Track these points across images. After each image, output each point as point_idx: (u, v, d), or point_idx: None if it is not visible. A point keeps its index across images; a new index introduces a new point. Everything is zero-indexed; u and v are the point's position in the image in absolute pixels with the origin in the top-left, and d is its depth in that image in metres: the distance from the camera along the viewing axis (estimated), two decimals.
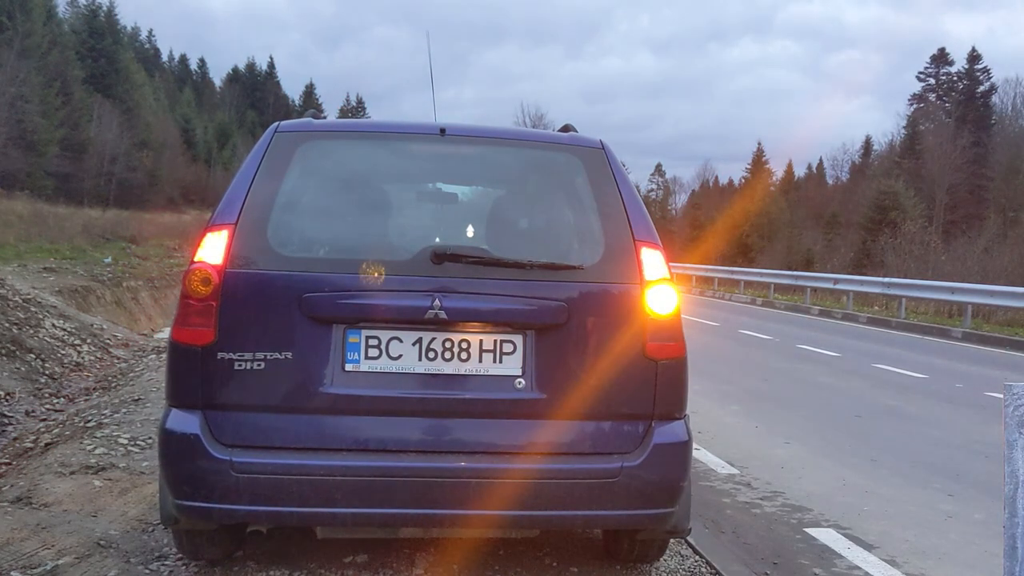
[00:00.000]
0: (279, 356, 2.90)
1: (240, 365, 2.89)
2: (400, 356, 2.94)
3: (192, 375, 2.90)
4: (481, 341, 2.97)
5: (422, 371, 2.95)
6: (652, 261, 3.08)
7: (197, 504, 2.86)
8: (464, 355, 2.97)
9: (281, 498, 2.84)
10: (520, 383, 2.98)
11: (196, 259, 2.94)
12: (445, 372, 2.96)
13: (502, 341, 2.99)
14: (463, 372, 2.96)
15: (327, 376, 2.90)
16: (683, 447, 3.04)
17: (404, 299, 2.93)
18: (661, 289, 3.03)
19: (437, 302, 2.92)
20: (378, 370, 2.93)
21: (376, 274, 2.97)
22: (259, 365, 2.89)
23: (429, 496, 2.87)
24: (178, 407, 2.92)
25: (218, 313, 2.89)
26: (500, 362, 2.98)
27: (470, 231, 3.52)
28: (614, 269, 3.07)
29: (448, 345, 2.96)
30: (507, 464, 2.91)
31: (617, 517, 3.04)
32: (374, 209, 3.36)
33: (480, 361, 2.98)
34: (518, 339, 2.99)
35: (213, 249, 2.94)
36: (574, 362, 3.01)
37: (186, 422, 2.88)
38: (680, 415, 3.09)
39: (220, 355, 2.87)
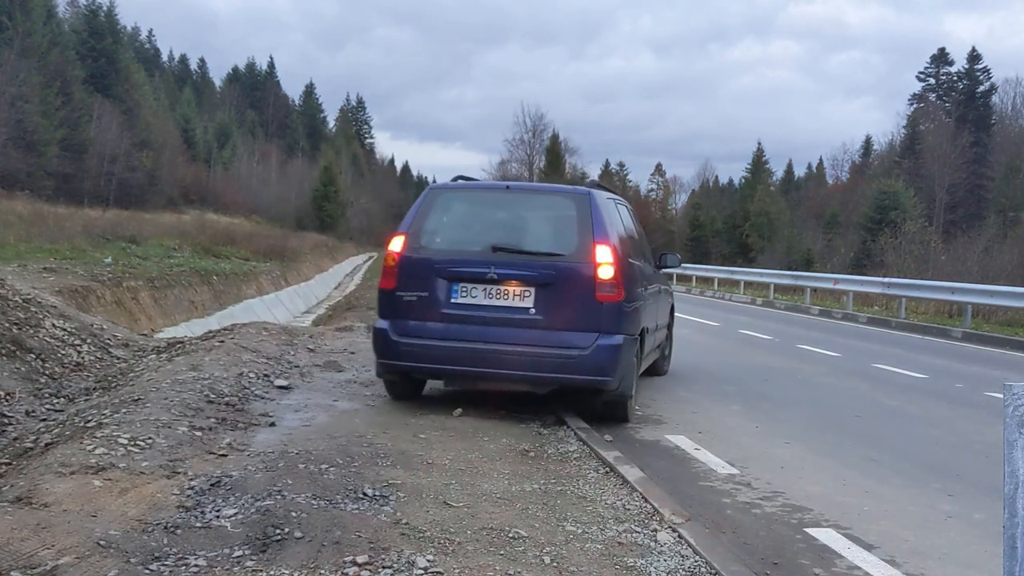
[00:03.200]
0: (423, 294, 6.10)
1: (406, 298, 6.14)
2: (476, 296, 6.08)
3: (386, 303, 6.26)
4: (513, 290, 6.03)
5: (486, 303, 6.05)
6: (602, 252, 6.02)
7: (386, 361, 6.26)
8: (505, 297, 6.04)
9: (423, 360, 6.09)
10: (532, 311, 5.98)
11: (389, 249, 6.27)
12: (496, 304, 6.04)
13: (523, 290, 6.02)
14: (505, 304, 6.03)
15: (443, 304, 6.09)
16: (615, 348, 5.97)
17: (477, 268, 6.07)
18: (605, 266, 5.97)
19: (492, 269, 6.03)
20: (466, 302, 6.08)
21: (466, 257, 6.17)
22: (414, 298, 6.12)
23: (490, 362, 5.98)
24: (381, 318, 6.27)
25: (397, 274, 6.21)
26: (523, 301, 6.01)
27: (514, 236, 6.39)
28: (580, 255, 6.06)
29: (498, 292, 6.05)
30: (524, 349, 5.94)
31: (579, 379, 6.00)
32: (469, 226, 6.56)
33: (512, 300, 6.03)
34: (531, 290, 6.01)
35: (396, 244, 6.26)
36: (558, 302, 5.98)
37: (383, 324, 6.22)
38: (618, 332, 6.01)
39: (398, 294, 6.17)
